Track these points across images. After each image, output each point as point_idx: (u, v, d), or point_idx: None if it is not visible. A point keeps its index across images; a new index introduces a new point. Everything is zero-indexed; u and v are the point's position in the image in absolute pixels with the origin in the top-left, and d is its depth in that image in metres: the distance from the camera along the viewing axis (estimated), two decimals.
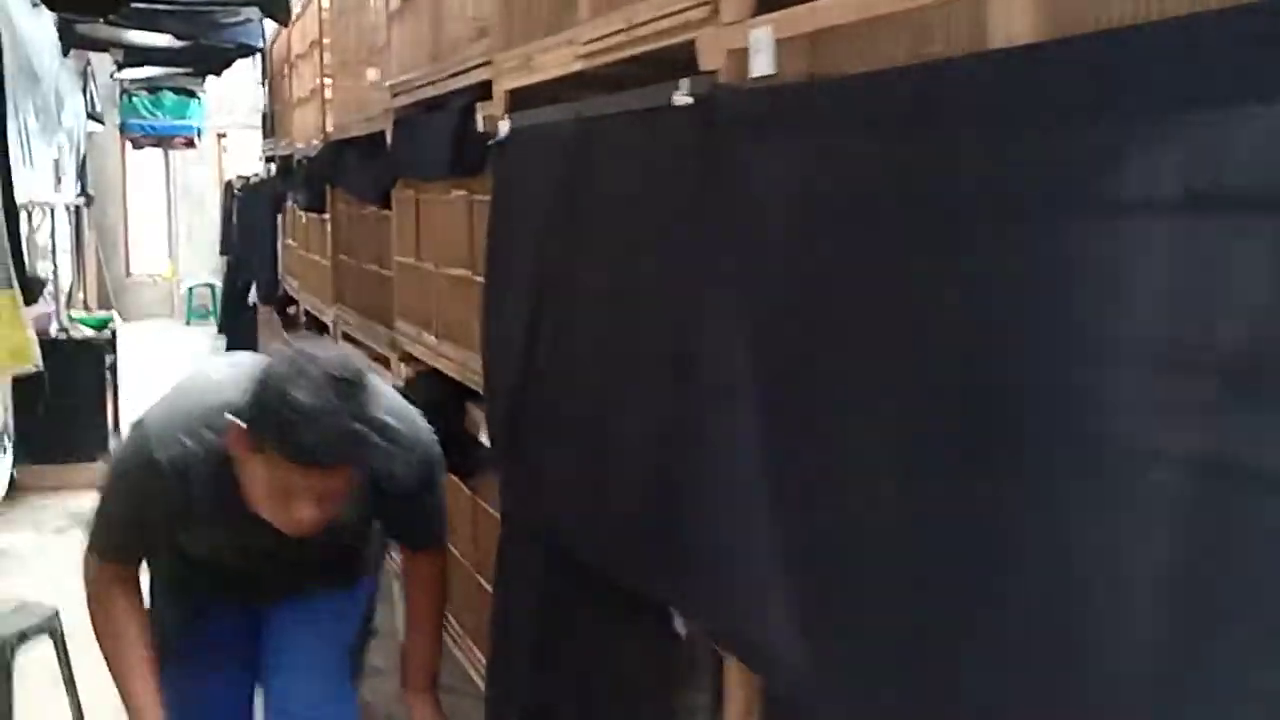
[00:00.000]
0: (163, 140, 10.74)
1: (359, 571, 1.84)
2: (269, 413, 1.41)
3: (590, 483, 1.64)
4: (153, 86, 8.69)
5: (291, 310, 5.62)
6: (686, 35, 1.43)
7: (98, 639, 1.63)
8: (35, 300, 5.53)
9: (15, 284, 4.75)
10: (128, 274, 13.35)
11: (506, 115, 2.31)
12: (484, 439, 2.58)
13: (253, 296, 7.77)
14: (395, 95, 3.27)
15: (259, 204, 6.82)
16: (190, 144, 10.98)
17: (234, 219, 8.84)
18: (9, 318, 4.72)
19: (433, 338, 2.96)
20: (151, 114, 9.28)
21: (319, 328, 4.71)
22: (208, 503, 1.53)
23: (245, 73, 13.27)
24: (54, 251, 8.13)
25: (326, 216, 4.40)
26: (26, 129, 5.90)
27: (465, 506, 2.83)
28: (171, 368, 10.00)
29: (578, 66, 1.82)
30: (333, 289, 4.36)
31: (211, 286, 12.97)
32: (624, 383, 1.55)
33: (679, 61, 1.56)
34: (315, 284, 4.81)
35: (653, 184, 1.54)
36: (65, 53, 5.59)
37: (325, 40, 4.36)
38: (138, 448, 1.54)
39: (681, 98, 1.43)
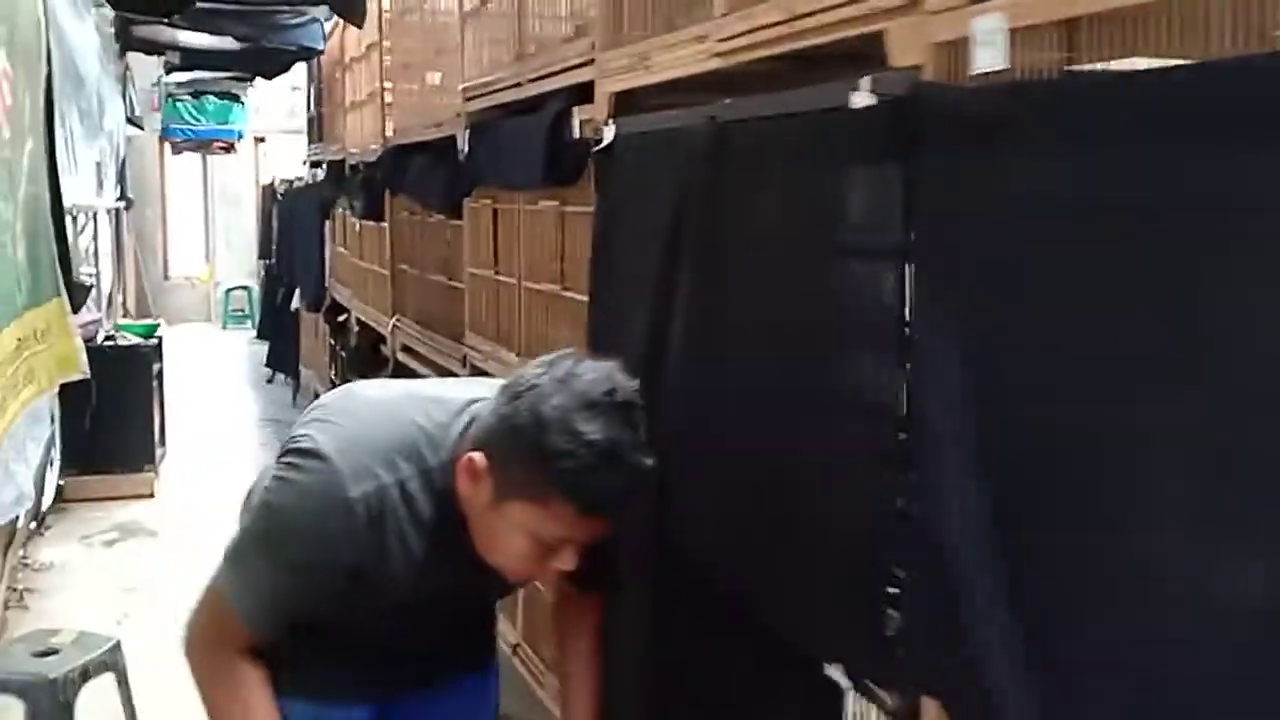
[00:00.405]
0: (202, 145, 10.69)
1: (494, 636, 1.63)
2: (548, 451, 1.13)
3: (747, 520, 1.46)
4: (197, 91, 8.61)
5: (342, 319, 5.48)
6: (873, 26, 1.25)
7: None
8: (80, 307, 5.44)
9: (63, 291, 4.65)
10: (166, 277, 13.34)
11: (610, 119, 2.14)
12: None
13: (295, 303, 7.67)
14: (469, 99, 3.11)
15: (304, 209, 6.71)
16: (230, 148, 10.93)
17: (275, 223, 8.76)
18: (58, 326, 4.60)
19: (512, 354, 2.79)
20: (195, 119, 9.20)
21: (374, 338, 4.56)
22: (398, 551, 1.23)
23: (282, 77, 13.34)
24: (96, 256, 8.08)
25: (385, 224, 4.26)
26: (71, 133, 5.81)
27: None
28: (212, 374, 9.89)
29: (713, 65, 1.65)
30: (391, 299, 4.20)
31: (248, 289, 12.97)
32: (791, 418, 1.37)
33: (832, 56, 1.39)
34: (371, 293, 4.67)
35: (817, 195, 1.36)
36: (121, 54, 5.49)
37: (385, 43, 4.21)
38: (325, 482, 1.19)
39: (863, 98, 1.25)
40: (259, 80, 9.94)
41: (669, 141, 1.80)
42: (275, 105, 13.56)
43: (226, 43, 5.27)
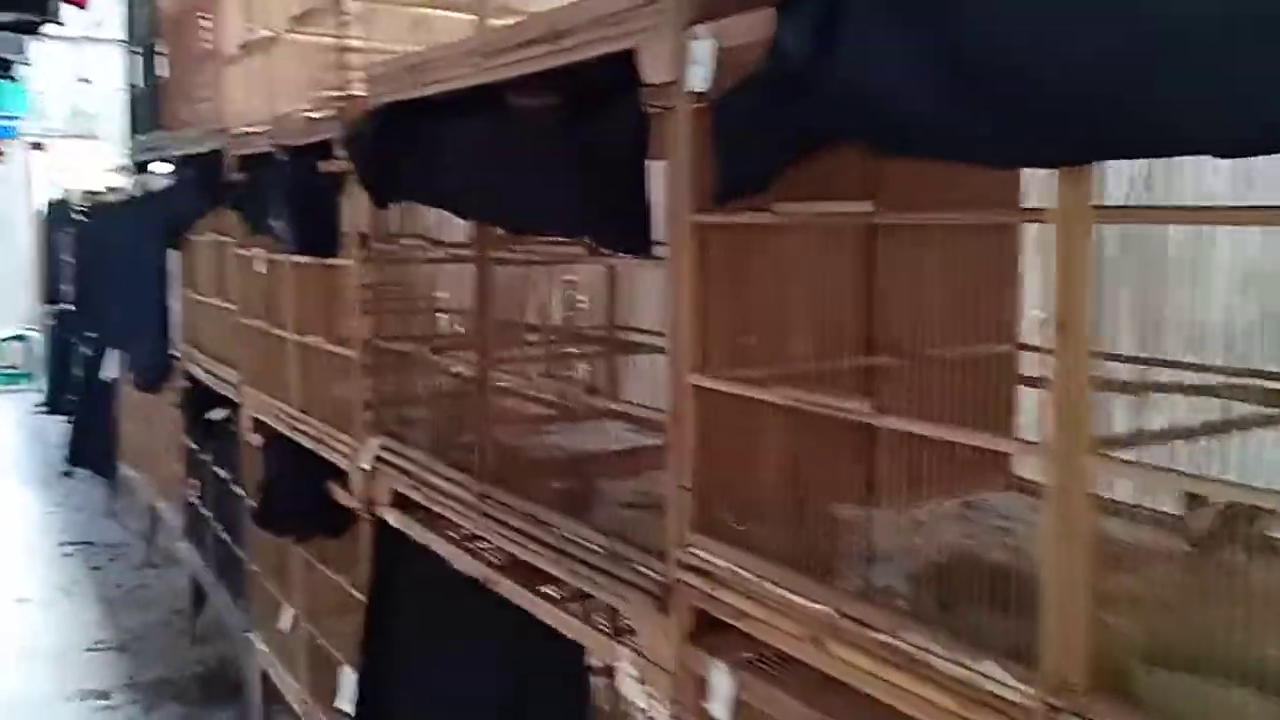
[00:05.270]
0: None
1: None
2: None
3: None
4: None
5: (217, 416, 3.32)
6: None
7: None
8: None
9: None
10: None
11: None
12: None
13: (110, 372, 5.30)
14: None
15: (128, 234, 4.43)
16: None
17: (72, 253, 6.30)
18: None
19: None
20: None
21: (312, 467, 2.49)
22: None
23: (62, 65, 10.56)
24: None
25: (348, 262, 2.22)
26: None
27: None
28: None
29: None
30: (368, 410, 2.17)
31: (23, 338, 10.11)
32: None
33: None
34: (300, 389, 2.59)
35: None
36: None
37: None
38: None
39: None
40: (40, 49, 7.38)
41: None
42: (57, 102, 10.84)
43: None
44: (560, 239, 1.51)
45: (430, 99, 1.78)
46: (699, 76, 1.12)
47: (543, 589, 1.59)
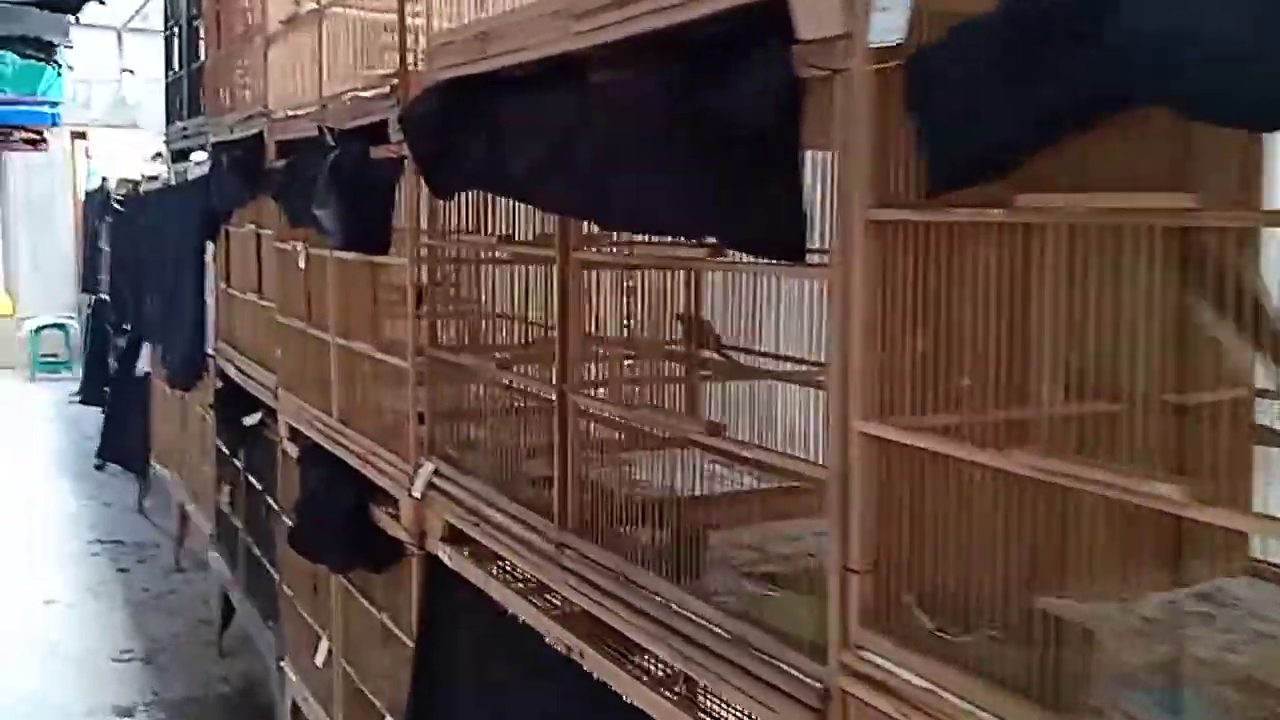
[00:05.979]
0: None
1: None
2: None
3: None
4: None
5: (251, 421, 3.09)
6: None
7: None
8: None
9: None
10: None
11: None
12: None
13: (143, 365, 5.12)
14: None
15: (165, 224, 4.23)
16: (37, 140, 8.05)
17: (109, 243, 6.14)
18: None
19: None
20: None
21: (350, 480, 2.24)
22: None
23: (105, 53, 10.48)
24: None
25: (401, 260, 1.96)
26: None
27: None
28: (11, 453, 6.99)
29: None
30: (423, 425, 1.92)
31: (65, 328, 10.04)
32: None
33: None
34: (343, 396, 2.34)
35: None
36: None
37: None
38: None
39: None
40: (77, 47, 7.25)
41: None
42: (101, 93, 10.75)
43: None
44: (671, 238, 1.24)
45: (503, 71, 1.52)
46: (889, 27, 0.84)
47: (633, 660, 1.32)
